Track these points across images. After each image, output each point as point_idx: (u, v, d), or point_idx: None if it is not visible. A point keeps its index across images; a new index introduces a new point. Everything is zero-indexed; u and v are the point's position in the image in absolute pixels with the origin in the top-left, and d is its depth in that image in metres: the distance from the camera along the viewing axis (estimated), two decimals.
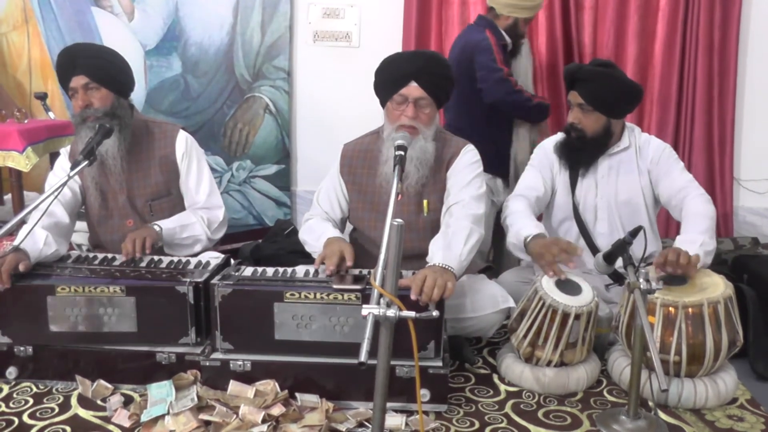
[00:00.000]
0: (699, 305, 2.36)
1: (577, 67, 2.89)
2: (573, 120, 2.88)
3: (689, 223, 2.66)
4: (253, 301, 2.31)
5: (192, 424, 2.15)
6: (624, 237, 2.31)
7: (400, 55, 2.76)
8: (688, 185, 2.79)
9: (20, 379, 2.48)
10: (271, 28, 4.25)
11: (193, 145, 2.92)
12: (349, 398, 2.32)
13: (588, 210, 2.95)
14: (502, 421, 2.30)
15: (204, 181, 2.92)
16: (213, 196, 2.93)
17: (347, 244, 2.56)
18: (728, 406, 2.41)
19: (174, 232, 2.76)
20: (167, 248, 2.78)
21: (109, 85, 2.73)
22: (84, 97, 2.69)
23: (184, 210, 2.92)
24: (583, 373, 2.51)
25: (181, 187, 2.91)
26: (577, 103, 2.85)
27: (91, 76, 2.68)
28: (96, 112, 2.69)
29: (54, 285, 2.39)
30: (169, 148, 2.87)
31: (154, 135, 2.88)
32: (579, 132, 2.87)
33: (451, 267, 2.32)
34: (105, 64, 2.75)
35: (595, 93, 2.80)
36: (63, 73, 2.74)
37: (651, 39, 3.99)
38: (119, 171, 2.78)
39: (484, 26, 3.53)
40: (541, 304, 2.45)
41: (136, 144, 2.83)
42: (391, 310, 1.56)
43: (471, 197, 2.62)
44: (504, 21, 3.55)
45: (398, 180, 2.06)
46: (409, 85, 2.57)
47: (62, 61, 2.73)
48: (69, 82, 2.70)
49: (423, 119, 2.60)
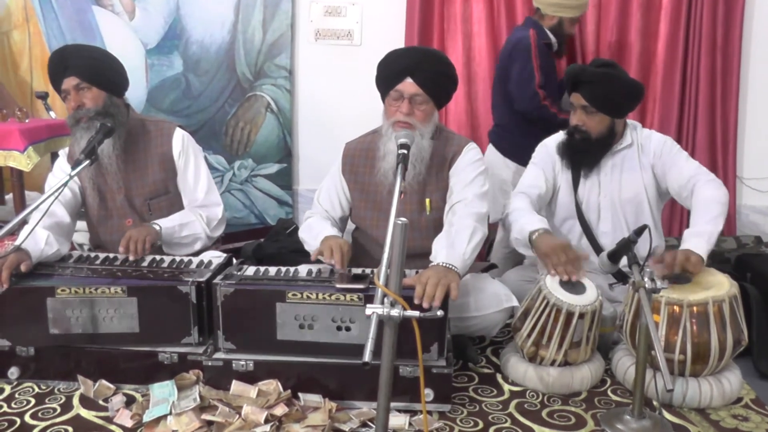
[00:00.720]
0: (704, 304, 2.35)
1: (580, 69, 2.87)
2: (577, 122, 2.85)
3: (698, 211, 2.64)
4: (256, 301, 2.30)
5: (194, 424, 2.15)
6: (629, 236, 2.30)
7: (398, 51, 2.74)
8: (696, 173, 2.77)
9: (22, 379, 2.47)
10: (272, 27, 4.24)
11: (189, 142, 2.91)
12: (352, 398, 2.31)
13: (591, 209, 2.94)
14: (506, 420, 2.29)
15: (202, 179, 2.91)
16: (211, 194, 2.92)
17: (345, 242, 2.55)
18: (733, 406, 2.40)
19: (173, 230, 2.75)
20: (166, 247, 2.77)
21: (101, 85, 2.72)
22: (76, 97, 2.68)
23: (182, 208, 2.91)
24: (587, 373, 2.50)
25: (178, 185, 2.90)
26: (580, 105, 2.83)
27: (82, 77, 2.67)
28: (88, 112, 2.68)
29: (54, 286, 2.37)
30: (166, 146, 2.86)
31: (151, 133, 2.87)
32: (583, 134, 2.85)
33: (454, 266, 2.31)
34: (95, 63, 2.74)
35: (599, 95, 2.78)
36: (54, 76, 2.72)
37: (654, 37, 3.98)
38: (115, 170, 2.77)
39: (529, 26, 3.55)
40: (545, 303, 2.44)
41: (133, 143, 2.82)
42: (395, 310, 1.55)
43: (474, 195, 2.61)
44: (549, 21, 3.58)
45: (401, 179, 2.05)
46: (405, 81, 2.57)
47: (53, 64, 2.72)
48: (61, 84, 2.69)
49: (419, 116, 2.59)
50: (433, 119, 2.66)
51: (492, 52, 4.07)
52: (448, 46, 4.11)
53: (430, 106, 2.63)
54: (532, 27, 3.55)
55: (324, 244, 2.50)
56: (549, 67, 3.59)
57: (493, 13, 4.05)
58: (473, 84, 4.14)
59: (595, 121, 2.82)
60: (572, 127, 2.89)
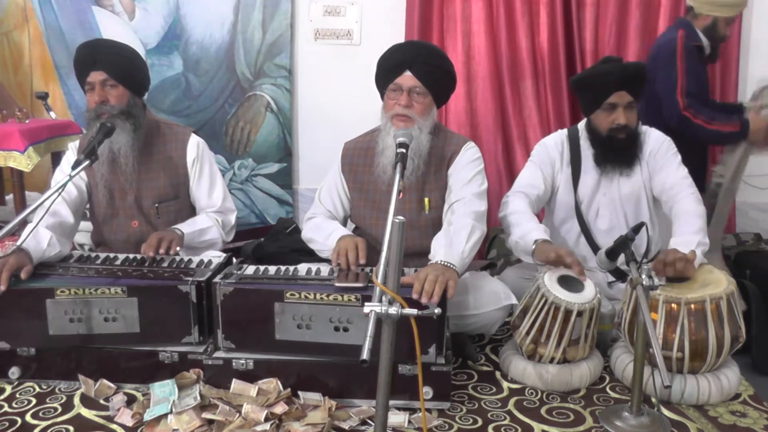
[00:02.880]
0: (701, 301, 2.35)
1: (623, 67, 2.83)
2: (623, 122, 2.80)
3: (682, 222, 2.64)
4: (254, 301, 2.30)
5: (195, 423, 2.16)
6: (626, 233, 2.31)
7: (397, 45, 2.76)
8: (681, 182, 2.77)
9: (23, 379, 2.47)
10: (272, 26, 4.24)
11: (204, 149, 2.92)
12: (352, 396, 2.32)
13: (590, 207, 2.94)
14: (505, 418, 2.30)
15: (218, 186, 2.93)
16: (227, 201, 2.96)
17: (360, 238, 2.57)
18: (731, 402, 2.41)
19: (194, 236, 2.78)
20: (183, 251, 2.79)
21: (126, 83, 2.74)
22: (101, 93, 2.69)
23: (190, 213, 2.93)
24: (585, 370, 2.50)
25: (192, 191, 2.91)
26: (626, 103, 2.79)
27: (110, 73, 2.69)
28: (112, 109, 2.70)
29: (54, 288, 2.36)
30: (180, 152, 2.87)
31: (165, 137, 2.88)
32: (629, 131, 2.83)
33: (453, 264, 2.32)
34: (125, 62, 2.76)
35: (641, 88, 2.82)
36: (82, 67, 2.73)
37: (653, 35, 3.97)
38: (130, 170, 2.78)
39: (679, 26, 3.38)
40: (543, 301, 2.45)
41: (147, 144, 2.83)
42: (394, 308, 1.56)
43: (473, 194, 2.62)
44: (702, 21, 3.35)
45: (400, 177, 2.05)
46: (403, 74, 2.60)
47: (82, 54, 2.73)
48: (87, 77, 2.70)
49: (417, 108, 2.61)
50: (431, 114, 2.67)
51: (491, 51, 4.07)
52: (447, 46, 4.11)
53: (429, 100, 2.64)
54: (682, 27, 3.33)
55: (341, 244, 2.53)
56: (698, 73, 3.33)
57: (492, 13, 4.05)
58: (473, 83, 4.14)
59: (634, 117, 2.85)
60: (617, 128, 2.82)
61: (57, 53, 4.32)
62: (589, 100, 2.87)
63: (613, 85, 2.78)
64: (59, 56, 4.32)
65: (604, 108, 2.82)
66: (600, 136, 2.87)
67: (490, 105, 4.10)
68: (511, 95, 4.09)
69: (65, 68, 4.30)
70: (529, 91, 4.08)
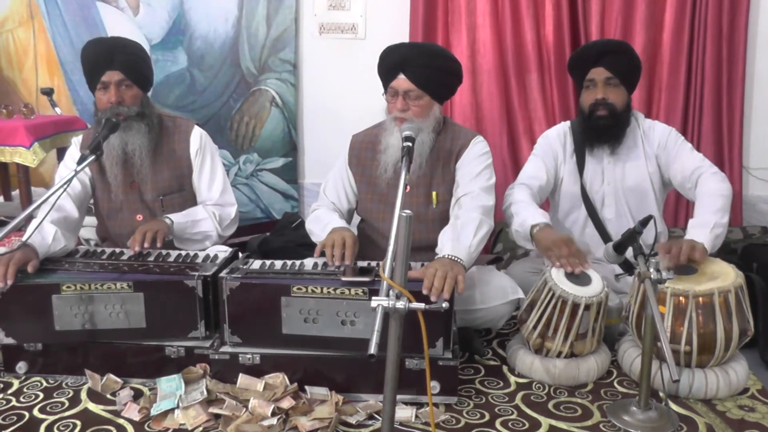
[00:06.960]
0: (710, 294, 2.34)
1: (604, 42, 2.90)
2: (602, 96, 2.81)
3: (702, 203, 2.64)
4: (261, 295, 2.31)
5: (202, 418, 2.16)
6: (634, 226, 2.29)
7: (391, 47, 2.70)
8: (700, 165, 2.77)
9: (30, 374, 2.49)
10: (276, 21, 4.23)
11: (207, 141, 2.91)
12: (358, 391, 2.32)
13: (595, 197, 2.93)
14: (513, 412, 2.29)
15: (217, 179, 2.92)
16: (226, 194, 2.93)
17: (350, 233, 2.55)
18: (739, 397, 2.40)
19: (185, 226, 2.76)
20: (177, 242, 2.78)
21: (139, 83, 2.75)
22: (117, 93, 2.68)
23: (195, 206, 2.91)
24: (593, 364, 2.50)
25: (193, 183, 2.91)
26: (604, 78, 2.81)
27: (127, 74, 2.69)
28: (129, 110, 2.70)
29: (59, 283, 2.36)
30: (183, 144, 2.86)
31: (168, 129, 2.87)
32: (610, 107, 2.82)
33: (460, 259, 2.31)
34: (139, 62, 2.76)
35: (624, 64, 2.81)
36: (96, 65, 2.69)
37: (659, 27, 3.95)
38: (146, 171, 2.80)
39: None
40: (550, 294, 2.44)
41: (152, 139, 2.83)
42: (401, 302, 1.56)
43: (480, 188, 2.61)
44: None
45: (406, 171, 2.04)
46: (398, 77, 2.58)
47: (97, 52, 2.70)
48: (101, 75, 2.68)
49: (415, 111, 2.59)
50: (432, 113, 2.65)
51: (496, 44, 4.05)
52: (452, 39, 4.09)
53: (427, 101, 2.62)
54: None
55: (328, 238, 2.51)
56: None
57: (497, 6, 4.03)
58: (478, 76, 4.12)
59: (617, 95, 2.83)
60: (595, 103, 2.83)
61: (62, 49, 4.32)
62: (578, 84, 2.93)
63: (590, 61, 2.82)
64: (64, 52, 4.32)
65: (586, 86, 2.87)
66: (584, 115, 2.89)
67: (496, 98, 4.08)
68: (516, 88, 4.07)
69: (70, 64, 4.30)
70: (534, 85, 4.06)
